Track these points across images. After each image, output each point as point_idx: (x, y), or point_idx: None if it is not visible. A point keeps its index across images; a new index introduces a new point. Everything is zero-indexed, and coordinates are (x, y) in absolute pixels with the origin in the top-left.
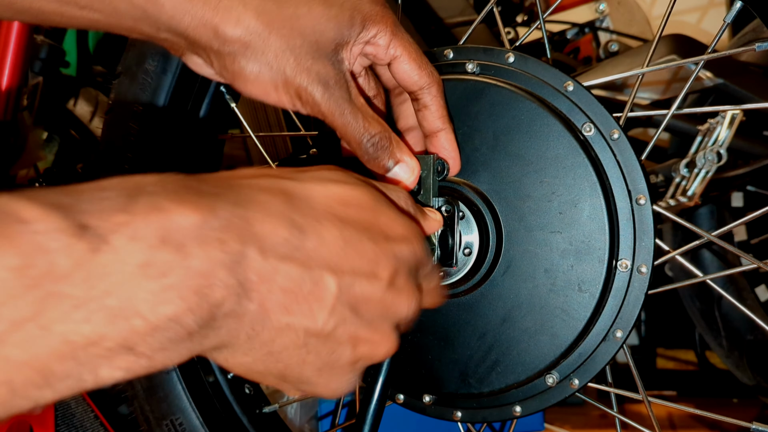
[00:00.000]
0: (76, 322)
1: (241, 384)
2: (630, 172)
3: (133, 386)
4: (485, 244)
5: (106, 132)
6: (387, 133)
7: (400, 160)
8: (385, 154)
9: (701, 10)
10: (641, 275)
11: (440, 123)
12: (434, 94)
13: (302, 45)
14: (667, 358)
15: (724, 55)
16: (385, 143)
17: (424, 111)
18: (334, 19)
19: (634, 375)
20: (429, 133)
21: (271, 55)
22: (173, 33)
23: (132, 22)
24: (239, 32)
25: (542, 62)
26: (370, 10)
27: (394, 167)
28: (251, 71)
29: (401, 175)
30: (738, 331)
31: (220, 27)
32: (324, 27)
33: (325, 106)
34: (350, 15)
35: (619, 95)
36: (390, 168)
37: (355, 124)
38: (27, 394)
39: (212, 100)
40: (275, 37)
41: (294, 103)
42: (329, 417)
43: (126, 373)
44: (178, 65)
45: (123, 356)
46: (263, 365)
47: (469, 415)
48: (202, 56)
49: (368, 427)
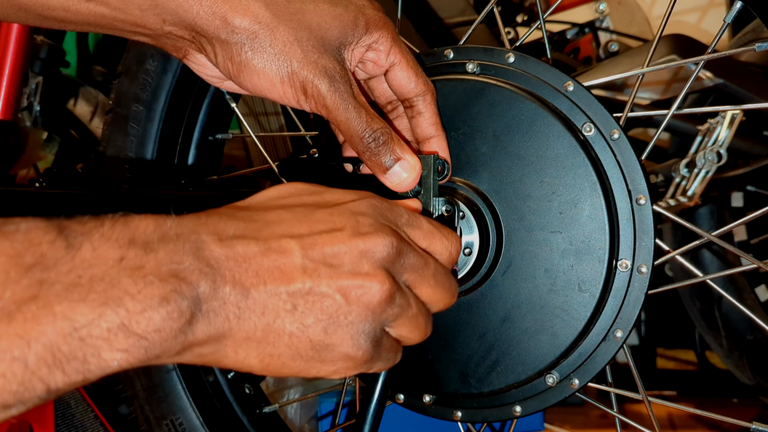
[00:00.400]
0: (72, 301)
1: (241, 384)
2: (630, 172)
3: (133, 386)
4: (485, 244)
5: (106, 132)
6: (388, 130)
7: (401, 157)
8: (386, 150)
9: (701, 10)
10: (641, 275)
11: (433, 130)
12: (429, 102)
13: (309, 39)
14: (667, 358)
15: (724, 55)
16: (387, 139)
17: (418, 118)
18: (339, 17)
19: (634, 375)
20: (422, 140)
21: (279, 46)
22: (179, 25)
23: (139, 12)
24: (248, 22)
25: (542, 62)
26: (374, 15)
27: (395, 165)
28: (257, 62)
29: (402, 174)
30: (738, 331)
31: (229, 16)
32: (329, 24)
33: (330, 99)
34: (355, 16)
35: (619, 95)
36: (390, 166)
37: (358, 119)
38: (40, 374)
39: (212, 101)
40: (283, 28)
41: (298, 98)
42: (329, 417)
43: (127, 356)
44: (179, 65)
45: (121, 337)
46: (271, 347)
47: (469, 415)
48: (206, 50)
49: (368, 427)
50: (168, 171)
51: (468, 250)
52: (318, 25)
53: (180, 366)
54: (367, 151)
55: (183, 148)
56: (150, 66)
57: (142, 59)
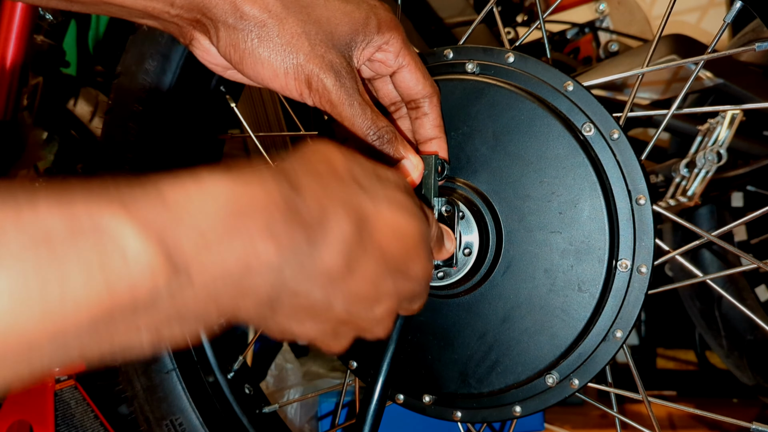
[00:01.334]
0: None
1: (241, 384)
2: (630, 172)
3: (133, 386)
4: (485, 244)
5: (106, 131)
6: (392, 128)
7: (405, 156)
8: (390, 148)
9: (701, 10)
10: (641, 275)
11: (437, 131)
12: (434, 104)
13: (317, 33)
14: (667, 358)
15: (724, 55)
16: (391, 138)
17: (422, 119)
18: (350, 15)
19: (634, 375)
20: (423, 141)
21: (287, 37)
22: (188, 7)
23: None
24: (257, 10)
25: (542, 62)
26: (386, 16)
27: (399, 164)
28: (263, 52)
29: (405, 172)
30: (738, 331)
31: (240, 2)
32: (339, 20)
33: (335, 95)
34: (366, 16)
35: (619, 95)
36: (394, 165)
37: (363, 116)
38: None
39: (211, 101)
40: (293, 20)
41: (301, 91)
42: (329, 417)
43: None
44: (178, 65)
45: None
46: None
47: (469, 415)
48: (210, 32)
49: (368, 427)
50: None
51: (468, 250)
52: (328, 20)
53: (180, 366)
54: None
55: (183, 148)
56: (149, 66)
57: (141, 59)
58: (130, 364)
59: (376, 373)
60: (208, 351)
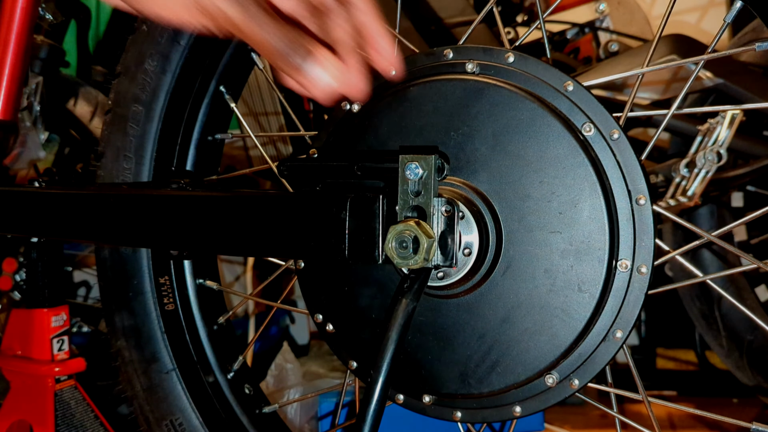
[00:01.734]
0: None
1: (241, 384)
2: (630, 172)
3: (133, 386)
4: (485, 244)
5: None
6: (299, 32)
7: (313, 52)
8: (298, 48)
9: (701, 10)
10: (641, 275)
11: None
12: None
13: None
14: (667, 358)
15: (724, 55)
16: (299, 40)
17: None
18: None
19: (634, 375)
20: (367, 37)
21: None
22: None
23: None
24: None
25: (542, 62)
26: None
27: (310, 62)
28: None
29: (318, 70)
30: (738, 331)
31: None
32: None
33: (235, 15)
34: None
35: (619, 95)
36: (305, 66)
37: (274, 34)
38: None
39: (211, 101)
40: None
41: (202, 22)
42: (329, 417)
43: None
44: (178, 65)
45: None
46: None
47: (469, 416)
48: None
49: (368, 427)
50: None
51: (467, 251)
52: None
53: (180, 366)
54: (282, 57)
55: (182, 148)
56: (149, 66)
57: (141, 59)
58: (130, 364)
59: (376, 373)
60: (208, 351)
